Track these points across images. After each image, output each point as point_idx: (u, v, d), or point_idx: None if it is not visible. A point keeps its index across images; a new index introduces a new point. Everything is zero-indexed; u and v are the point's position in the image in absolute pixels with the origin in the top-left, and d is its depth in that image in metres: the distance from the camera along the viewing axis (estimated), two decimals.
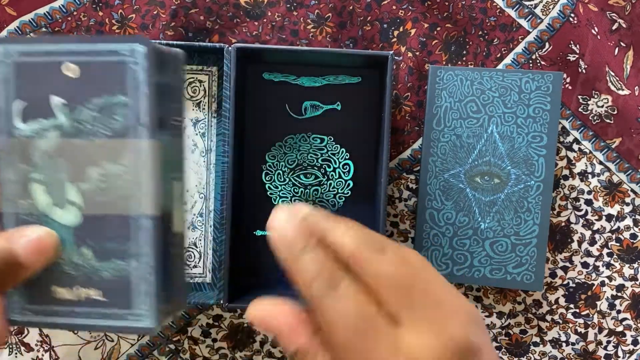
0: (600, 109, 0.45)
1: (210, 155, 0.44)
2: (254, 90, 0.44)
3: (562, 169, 0.45)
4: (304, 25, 0.45)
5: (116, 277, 0.31)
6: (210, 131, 0.44)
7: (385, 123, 0.39)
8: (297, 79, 0.44)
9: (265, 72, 0.44)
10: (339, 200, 0.44)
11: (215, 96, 0.44)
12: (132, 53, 0.30)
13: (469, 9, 0.45)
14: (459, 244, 0.43)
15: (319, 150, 0.44)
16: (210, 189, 0.44)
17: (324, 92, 0.44)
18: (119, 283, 0.31)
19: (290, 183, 0.44)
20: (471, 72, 0.43)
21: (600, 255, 0.46)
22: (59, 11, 0.45)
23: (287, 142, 0.44)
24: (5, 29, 0.45)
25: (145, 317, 0.31)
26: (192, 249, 0.44)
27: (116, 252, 0.31)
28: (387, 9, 0.45)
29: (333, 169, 0.44)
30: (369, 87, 0.44)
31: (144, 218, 0.30)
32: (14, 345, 0.46)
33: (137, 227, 0.30)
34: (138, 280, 0.31)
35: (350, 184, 0.44)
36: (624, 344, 0.46)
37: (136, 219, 0.30)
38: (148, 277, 0.30)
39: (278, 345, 0.46)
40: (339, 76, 0.44)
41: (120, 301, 0.31)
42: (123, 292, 0.31)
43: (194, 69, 0.44)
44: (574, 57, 0.45)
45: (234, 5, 0.45)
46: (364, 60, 0.42)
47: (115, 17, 0.45)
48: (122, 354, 0.46)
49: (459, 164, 0.43)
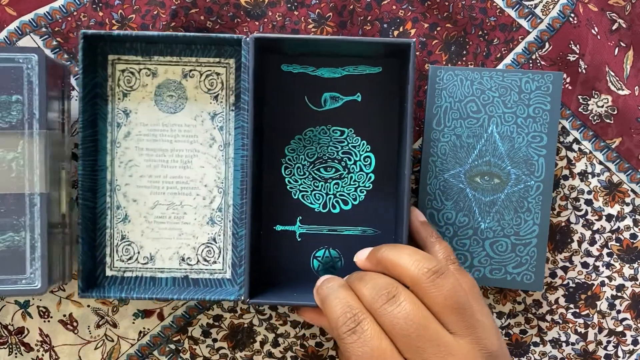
0: (600, 109, 0.45)
1: (229, 149, 0.43)
2: (272, 83, 0.43)
3: (562, 169, 0.46)
4: (305, 24, 0.45)
5: (10, 247, 0.38)
6: (229, 124, 0.43)
7: (408, 114, 0.38)
8: (316, 70, 0.43)
9: (283, 64, 0.43)
10: (360, 194, 0.44)
11: (233, 89, 0.43)
12: (28, 61, 0.38)
13: (469, 9, 0.45)
14: (458, 244, 0.43)
15: (339, 143, 0.44)
16: (229, 183, 0.43)
17: (343, 83, 0.43)
18: (12, 252, 0.38)
19: (310, 177, 0.44)
20: (471, 72, 0.43)
21: (600, 255, 0.46)
22: (59, 11, 0.45)
23: (306, 135, 0.44)
24: (5, 29, 0.45)
25: (35, 279, 0.38)
26: (211, 244, 0.43)
27: (11, 226, 0.38)
28: (387, 9, 0.45)
29: (354, 161, 0.44)
30: (389, 77, 0.43)
31: (36, 195, 0.38)
32: (13, 345, 0.46)
33: (31, 204, 0.38)
34: (30, 249, 0.38)
35: (371, 177, 0.44)
36: (624, 344, 0.46)
37: (30, 196, 0.38)
38: (38, 246, 0.38)
39: (278, 346, 0.46)
40: (359, 66, 0.43)
41: (14, 268, 0.37)
42: (17, 260, 0.38)
43: (211, 62, 0.43)
44: (574, 57, 0.45)
45: (235, 5, 0.45)
46: (385, 49, 0.41)
47: (115, 17, 0.45)
48: (122, 354, 0.46)
49: (459, 164, 0.43)
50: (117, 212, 0.43)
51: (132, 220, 0.43)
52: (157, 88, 0.43)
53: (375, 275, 0.34)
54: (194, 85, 0.43)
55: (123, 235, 0.43)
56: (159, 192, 0.43)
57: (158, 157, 0.43)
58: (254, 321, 0.46)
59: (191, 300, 0.42)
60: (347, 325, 0.32)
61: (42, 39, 0.45)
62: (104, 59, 0.43)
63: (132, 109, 0.43)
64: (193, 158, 0.43)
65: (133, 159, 0.43)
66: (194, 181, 0.43)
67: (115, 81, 0.43)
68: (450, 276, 0.33)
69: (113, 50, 0.43)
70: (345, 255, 0.44)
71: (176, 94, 0.43)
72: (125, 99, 0.43)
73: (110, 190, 0.43)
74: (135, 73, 0.43)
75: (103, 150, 0.43)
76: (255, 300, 0.39)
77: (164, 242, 0.43)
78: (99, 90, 0.43)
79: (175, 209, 0.43)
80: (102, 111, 0.43)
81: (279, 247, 0.44)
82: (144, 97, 0.43)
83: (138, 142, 0.43)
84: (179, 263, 0.43)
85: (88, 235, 0.42)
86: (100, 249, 0.43)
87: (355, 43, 0.40)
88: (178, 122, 0.43)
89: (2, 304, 0.45)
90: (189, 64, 0.43)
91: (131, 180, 0.43)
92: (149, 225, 0.43)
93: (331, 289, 0.35)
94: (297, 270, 0.44)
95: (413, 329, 0.31)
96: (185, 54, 0.43)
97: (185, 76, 0.43)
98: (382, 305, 0.32)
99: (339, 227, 0.44)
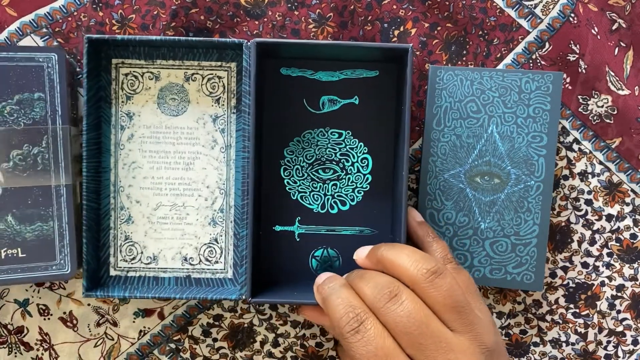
0: (600, 109, 0.45)
1: (230, 151, 0.44)
2: (272, 86, 0.44)
3: (562, 169, 0.46)
4: (305, 24, 0.45)
5: (39, 237, 0.40)
6: (230, 127, 0.44)
7: (406, 117, 0.39)
8: (315, 73, 0.44)
9: (282, 68, 0.44)
10: (358, 195, 0.44)
11: (234, 92, 0.44)
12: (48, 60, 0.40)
13: (469, 8, 0.45)
14: (458, 244, 0.43)
15: (337, 145, 0.44)
16: (231, 184, 0.44)
17: (341, 86, 0.44)
18: (41, 241, 0.40)
19: (309, 178, 0.44)
20: (471, 72, 0.43)
21: (600, 255, 0.46)
22: (59, 11, 0.45)
23: (305, 137, 0.44)
24: (6, 30, 0.45)
25: (65, 265, 0.40)
26: (213, 245, 0.44)
27: (39, 217, 0.40)
28: (387, 9, 0.45)
29: (351, 163, 0.44)
30: (387, 80, 0.44)
31: (62, 187, 0.40)
32: (13, 345, 0.46)
33: (58, 195, 0.40)
34: (58, 237, 0.40)
35: (369, 178, 0.44)
36: (624, 344, 0.46)
37: (56, 188, 0.40)
38: (66, 234, 0.40)
39: (278, 346, 0.46)
40: (357, 70, 0.44)
41: (45, 256, 0.40)
42: (46, 248, 0.40)
43: (213, 65, 0.43)
44: (574, 57, 0.45)
45: (235, 4, 0.45)
46: (382, 53, 0.42)
47: (115, 17, 0.45)
48: (122, 353, 0.46)
49: (459, 164, 0.43)
50: (121, 213, 0.44)
51: (135, 221, 0.44)
52: (159, 91, 0.43)
53: (375, 274, 0.35)
54: (196, 89, 0.43)
55: (127, 236, 0.44)
56: (162, 193, 0.44)
57: (161, 159, 0.44)
58: (254, 321, 0.46)
59: (193, 299, 0.42)
60: (350, 324, 0.32)
61: (42, 39, 0.45)
62: (108, 63, 0.43)
63: (136, 112, 0.43)
64: (195, 160, 0.44)
65: (136, 160, 0.43)
66: (196, 182, 0.43)
67: (119, 84, 0.43)
68: (448, 276, 0.33)
69: (117, 54, 0.43)
70: (343, 255, 0.44)
71: (179, 97, 0.43)
72: (129, 102, 0.43)
73: (114, 192, 0.44)
74: (138, 76, 0.43)
75: (107, 152, 0.43)
76: (257, 299, 0.39)
77: (167, 243, 0.44)
78: (103, 93, 0.43)
79: (178, 210, 0.44)
80: (106, 114, 0.43)
81: (279, 247, 0.44)
82: (147, 100, 0.43)
83: (141, 145, 0.43)
84: (182, 263, 0.44)
85: (92, 235, 0.42)
86: (104, 249, 0.44)
87: (354, 48, 0.41)
88: (180, 125, 0.43)
89: (1, 302, 0.45)
90: (191, 67, 0.43)
91: (134, 181, 0.43)
92: (152, 226, 0.44)
93: (333, 289, 0.35)
94: (296, 270, 0.44)
95: (415, 327, 0.32)
96: (188, 57, 0.43)
97: (187, 79, 0.43)
98: (384, 304, 0.32)
99: (337, 227, 0.44)
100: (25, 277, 0.40)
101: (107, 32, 0.45)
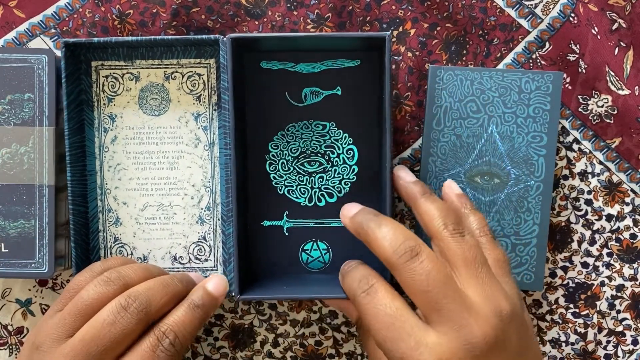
0: (600, 108, 0.45)
1: (214, 148, 0.44)
2: (253, 80, 0.44)
3: (562, 169, 0.46)
4: (304, 25, 0.45)
5: (21, 234, 0.41)
6: (212, 124, 0.44)
7: (386, 105, 0.38)
8: (295, 65, 0.43)
9: (263, 61, 0.44)
10: (345, 186, 0.44)
11: (214, 89, 0.43)
12: (39, 61, 0.40)
13: (469, 8, 0.45)
14: None
15: (321, 137, 0.44)
16: (216, 182, 0.44)
17: (323, 77, 0.43)
18: (23, 238, 0.41)
19: (295, 172, 0.44)
20: (471, 72, 0.43)
21: (600, 255, 0.46)
22: (65, 9, 0.45)
23: (289, 130, 0.44)
24: (15, 30, 0.45)
25: (43, 264, 0.41)
26: (202, 243, 0.44)
27: (22, 214, 0.41)
28: (386, 9, 0.45)
29: (337, 155, 0.44)
30: (369, 69, 0.43)
31: (45, 187, 0.41)
32: (13, 346, 0.46)
33: (40, 194, 0.41)
34: (38, 236, 0.41)
35: (355, 169, 0.44)
36: (623, 344, 0.46)
37: (39, 187, 0.41)
38: (46, 233, 0.41)
39: (278, 346, 0.46)
40: (338, 60, 0.43)
41: (25, 253, 0.41)
42: (27, 245, 0.41)
43: (192, 63, 0.43)
44: (574, 57, 0.45)
45: (235, 4, 0.45)
46: (362, 43, 0.41)
47: (114, 12, 0.45)
48: None
49: (458, 164, 0.43)
50: (109, 215, 0.44)
51: (123, 222, 0.44)
52: (140, 92, 0.43)
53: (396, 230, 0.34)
54: (177, 87, 0.43)
55: (116, 238, 0.44)
56: (148, 194, 0.44)
57: (145, 159, 0.44)
58: (255, 322, 0.46)
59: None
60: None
61: (52, 39, 0.45)
62: (88, 66, 0.43)
63: (118, 114, 0.44)
64: (179, 159, 0.44)
65: (121, 162, 0.44)
66: (182, 182, 0.44)
67: (99, 87, 0.43)
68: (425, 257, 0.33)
69: (96, 56, 0.43)
70: (333, 247, 0.44)
71: (159, 96, 0.43)
72: (111, 104, 0.44)
73: (100, 194, 0.44)
74: (118, 78, 0.43)
75: (91, 156, 0.44)
76: (246, 296, 0.39)
77: (156, 243, 0.44)
78: (84, 96, 0.43)
79: (165, 210, 0.44)
80: (88, 117, 0.44)
81: (268, 242, 0.44)
82: (128, 101, 0.43)
83: (125, 146, 0.44)
84: (172, 262, 0.44)
85: (81, 239, 0.42)
86: (94, 252, 0.44)
87: (332, 38, 0.41)
88: (163, 125, 0.43)
89: (2, 302, 0.46)
90: (170, 66, 0.43)
91: (120, 183, 0.44)
92: (140, 227, 0.44)
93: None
94: (287, 264, 0.44)
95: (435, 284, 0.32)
96: (167, 56, 0.43)
97: (167, 78, 0.43)
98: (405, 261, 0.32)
99: (325, 219, 0.44)
100: (5, 272, 0.41)
101: (110, 27, 0.45)
